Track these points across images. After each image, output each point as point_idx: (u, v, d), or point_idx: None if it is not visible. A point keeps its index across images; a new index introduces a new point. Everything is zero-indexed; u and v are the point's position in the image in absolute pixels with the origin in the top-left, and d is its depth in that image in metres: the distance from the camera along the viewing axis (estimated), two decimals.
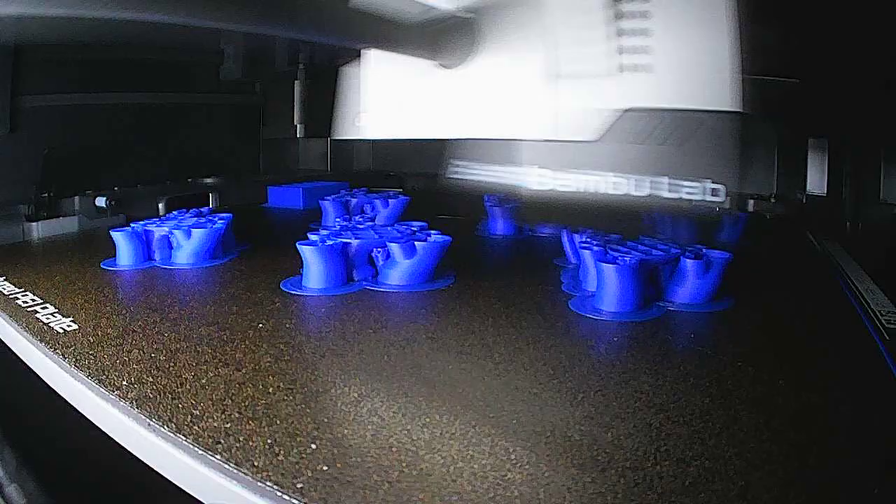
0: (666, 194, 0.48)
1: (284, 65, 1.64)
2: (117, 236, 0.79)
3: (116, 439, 0.44)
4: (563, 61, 0.45)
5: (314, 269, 0.68)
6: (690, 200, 0.48)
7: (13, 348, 0.59)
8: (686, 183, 0.48)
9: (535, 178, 0.51)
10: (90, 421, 0.47)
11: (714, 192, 0.49)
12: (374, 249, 0.69)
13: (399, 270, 0.68)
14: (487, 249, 0.98)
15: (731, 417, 0.41)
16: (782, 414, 0.42)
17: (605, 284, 0.61)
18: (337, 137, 0.57)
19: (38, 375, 0.54)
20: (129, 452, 0.42)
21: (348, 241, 0.69)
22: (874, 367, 0.49)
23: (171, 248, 0.81)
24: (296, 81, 1.71)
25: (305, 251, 0.67)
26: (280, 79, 1.71)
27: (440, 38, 0.48)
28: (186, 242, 0.79)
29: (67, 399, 0.50)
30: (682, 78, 0.45)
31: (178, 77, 1.51)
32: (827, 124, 1.15)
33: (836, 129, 1.14)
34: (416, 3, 0.47)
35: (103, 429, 0.46)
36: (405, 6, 0.46)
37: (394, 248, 0.67)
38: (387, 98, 0.56)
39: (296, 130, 1.78)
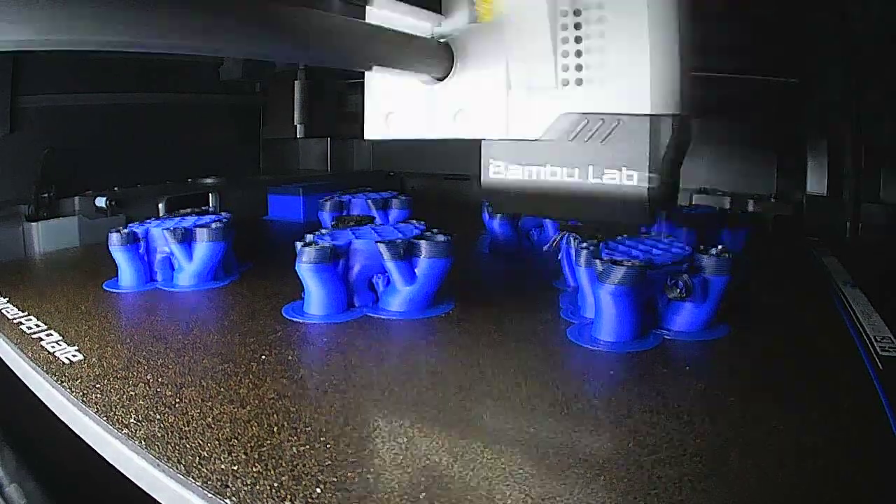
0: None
1: (284, 65, 1.64)
2: (119, 257, 0.80)
3: (124, 472, 0.46)
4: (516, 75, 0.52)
5: (315, 295, 0.69)
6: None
7: (24, 380, 0.60)
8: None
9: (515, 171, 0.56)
10: None
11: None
12: (375, 275, 0.70)
13: (400, 297, 0.69)
14: (486, 267, 0.99)
15: (721, 460, 0.43)
16: (771, 456, 0.43)
17: (602, 312, 0.62)
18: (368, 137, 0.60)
19: None
20: None
21: (348, 239, 0.70)
22: (867, 400, 0.50)
23: (172, 269, 0.82)
24: (296, 81, 1.71)
25: (306, 276, 0.68)
26: (280, 79, 1.71)
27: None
28: (188, 264, 0.80)
29: (76, 432, 0.51)
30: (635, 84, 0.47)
31: (178, 77, 1.51)
32: (825, 124, 1.15)
33: (834, 127, 1.14)
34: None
35: (112, 462, 0.47)
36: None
37: (394, 274, 0.68)
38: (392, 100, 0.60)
39: (296, 130, 1.79)
